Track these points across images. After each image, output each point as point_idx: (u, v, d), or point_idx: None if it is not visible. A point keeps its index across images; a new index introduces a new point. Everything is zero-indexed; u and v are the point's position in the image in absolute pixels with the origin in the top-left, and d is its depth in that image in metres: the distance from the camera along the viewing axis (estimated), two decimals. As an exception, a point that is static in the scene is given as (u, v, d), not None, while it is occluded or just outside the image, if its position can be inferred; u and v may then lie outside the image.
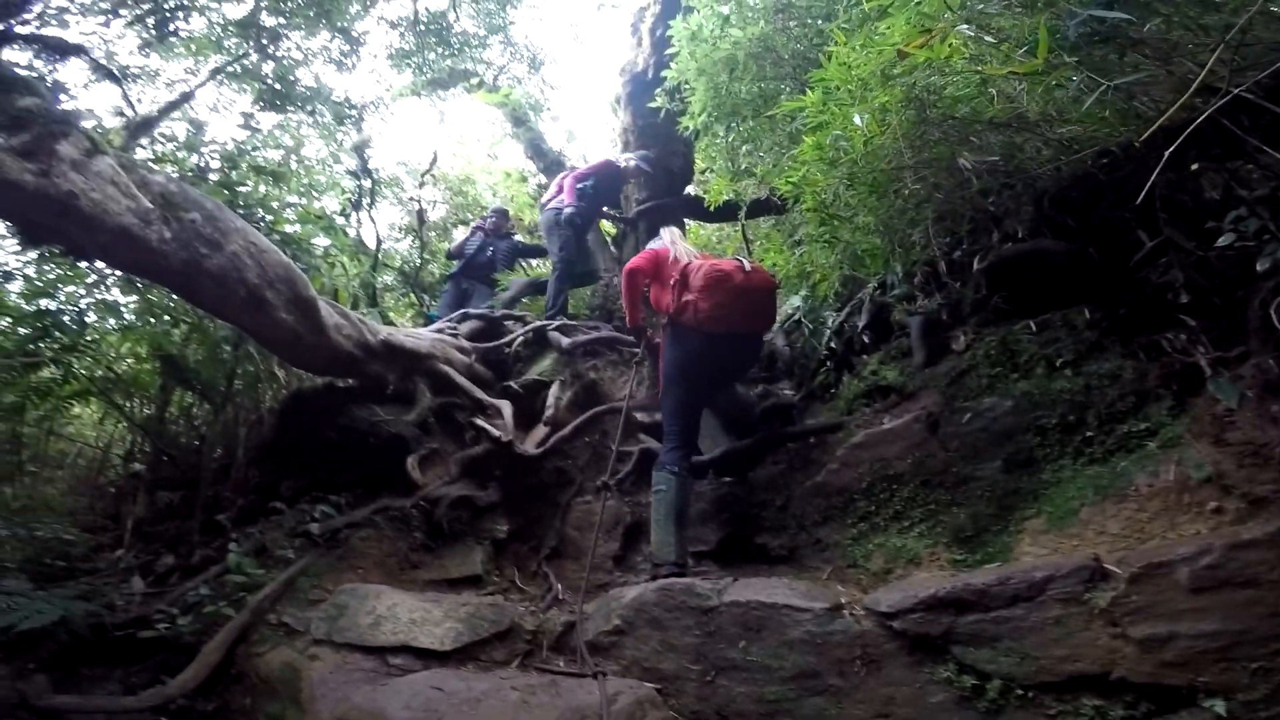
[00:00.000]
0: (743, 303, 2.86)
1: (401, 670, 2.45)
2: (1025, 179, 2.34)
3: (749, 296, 2.87)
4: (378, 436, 3.61)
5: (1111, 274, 2.27)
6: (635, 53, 5.18)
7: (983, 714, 1.79)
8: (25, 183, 1.97)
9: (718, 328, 2.87)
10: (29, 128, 2.08)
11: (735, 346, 2.97)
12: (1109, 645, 1.72)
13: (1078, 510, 2.07)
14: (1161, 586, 1.70)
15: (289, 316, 2.84)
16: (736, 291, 2.85)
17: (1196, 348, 2.04)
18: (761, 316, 2.98)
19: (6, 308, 3.11)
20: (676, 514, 2.76)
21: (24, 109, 2.10)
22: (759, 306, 2.93)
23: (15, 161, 1.98)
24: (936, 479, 2.40)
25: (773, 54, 3.22)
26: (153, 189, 2.37)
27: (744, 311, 2.88)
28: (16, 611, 2.66)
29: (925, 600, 1.97)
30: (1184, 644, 1.63)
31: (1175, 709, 1.62)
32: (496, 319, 4.49)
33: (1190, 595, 1.66)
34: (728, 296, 2.84)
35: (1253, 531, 1.72)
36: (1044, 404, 2.27)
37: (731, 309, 2.85)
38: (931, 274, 2.79)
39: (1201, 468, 1.91)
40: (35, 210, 2.08)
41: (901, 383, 2.65)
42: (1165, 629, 1.66)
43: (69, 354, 3.08)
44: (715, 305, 2.84)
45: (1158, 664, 1.65)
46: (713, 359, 2.95)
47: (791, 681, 2.10)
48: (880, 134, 2.11)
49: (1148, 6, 1.64)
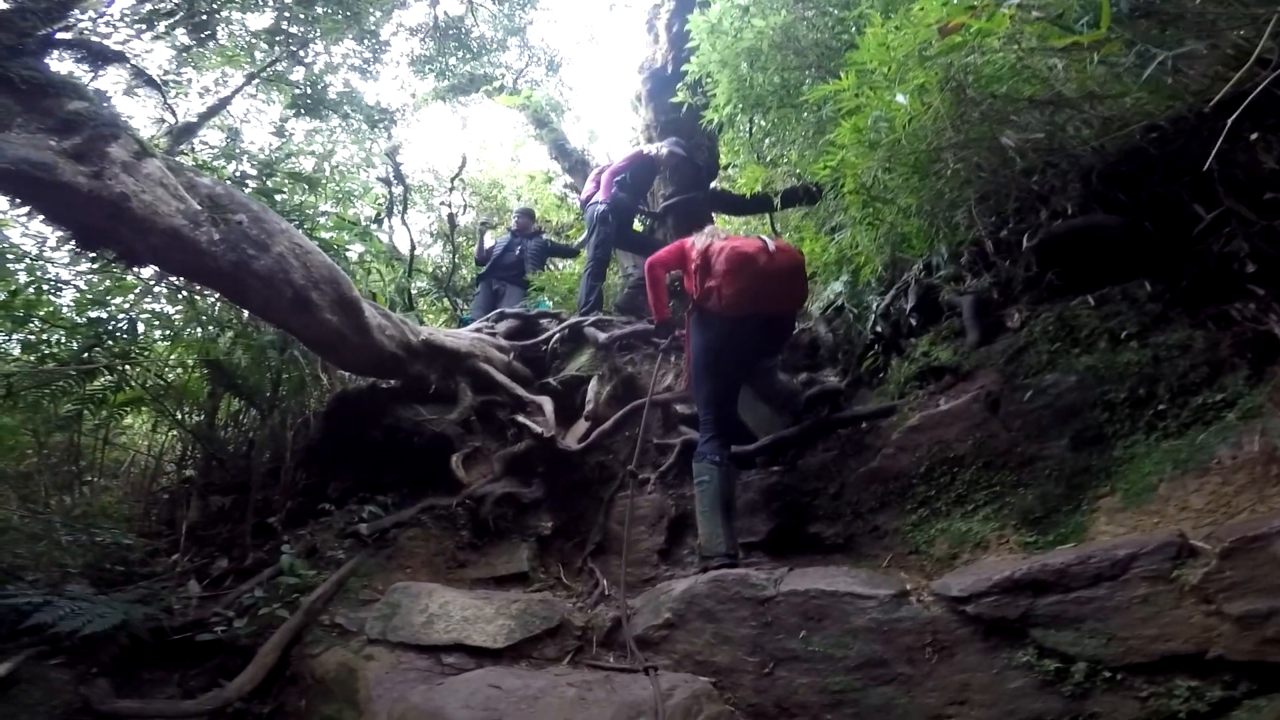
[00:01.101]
0: (768, 285, 2.76)
1: (455, 669, 2.45)
2: (1070, 156, 2.29)
3: (775, 278, 2.76)
4: (421, 436, 3.65)
5: (1169, 247, 2.19)
6: (653, 49, 5.21)
7: (1067, 698, 1.72)
8: (79, 185, 2.02)
9: (744, 312, 2.78)
10: (80, 131, 2.13)
11: (764, 329, 2.88)
12: (1203, 623, 1.63)
13: (1156, 486, 1.99)
14: (1257, 560, 1.61)
15: (334, 317, 2.88)
16: (761, 275, 2.74)
17: (1269, 315, 1.95)
18: (789, 296, 2.87)
19: (59, 318, 3.19)
20: (723, 504, 2.70)
21: (74, 112, 2.16)
22: (786, 286, 2.81)
23: (69, 164, 2.02)
24: (1000, 460, 2.33)
25: (795, 43, 3.19)
26: (200, 191, 2.42)
27: (770, 293, 2.78)
28: (80, 616, 2.72)
29: (1000, 583, 1.90)
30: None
31: (1277, 688, 1.53)
32: (532, 317, 4.52)
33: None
34: (752, 281, 2.74)
35: None
36: (1110, 378, 2.18)
37: (757, 293, 2.75)
38: (979, 254, 2.71)
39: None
40: (88, 213, 2.13)
41: (956, 363, 2.57)
42: (1265, 604, 1.57)
43: (123, 361, 3.14)
44: (739, 291, 2.75)
45: (1259, 641, 1.56)
46: (741, 344, 2.86)
47: (857, 671, 2.04)
48: (922, 114, 2.06)
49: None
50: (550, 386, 3.90)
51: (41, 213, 2.23)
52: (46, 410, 3.12)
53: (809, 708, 2.09)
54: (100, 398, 3.23)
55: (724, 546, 2.63)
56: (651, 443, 3.47)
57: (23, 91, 2.10)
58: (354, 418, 3.70)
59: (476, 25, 7.32)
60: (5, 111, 2.03)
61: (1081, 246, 2.34)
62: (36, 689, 2.59)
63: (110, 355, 3.06)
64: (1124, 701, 1.66)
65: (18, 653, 2.66)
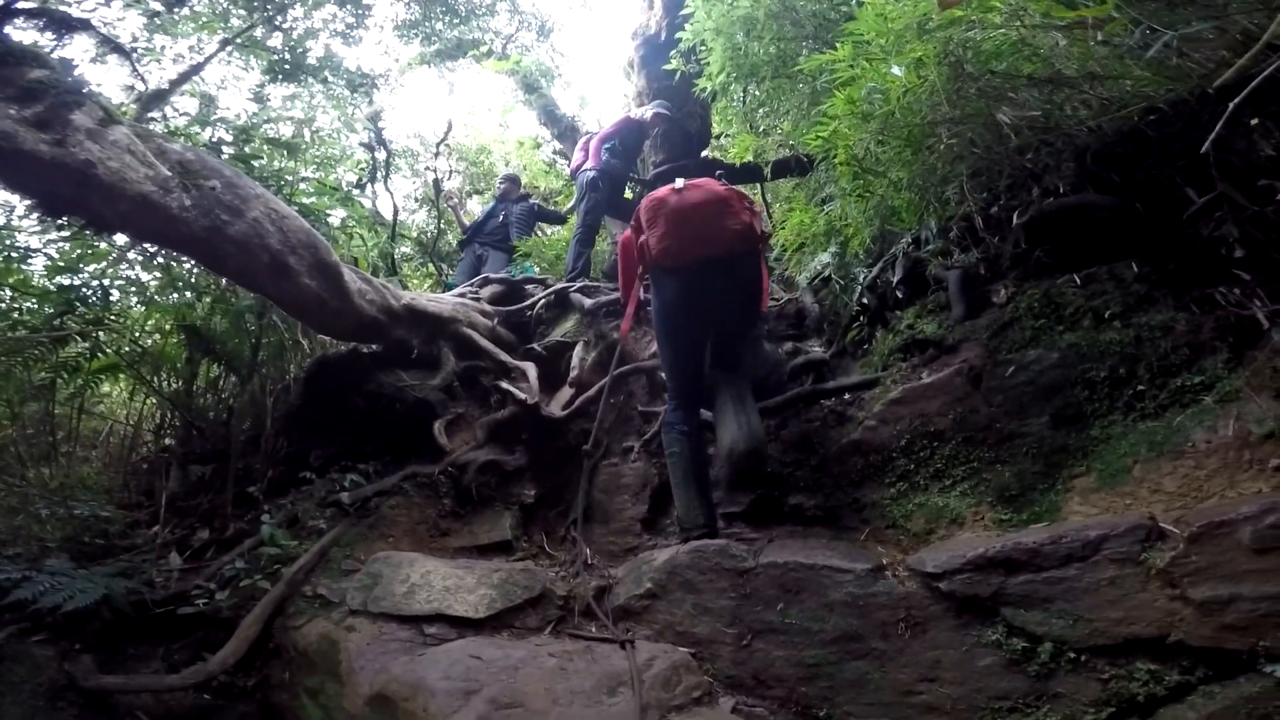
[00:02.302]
0: (689, 224, 2.58)
1: (437, 639, 2.45)
2: (1065, 135, 2.23)
3: (693, 215, 2.58)
4: (404, 402, 3.61)
5: (1159, 229, 2.16)
6: (646, 15, 5.04)
7: (1033, 678, 1.77)
8: (41, 153, 1.93)
9: (679, 260, 2.61)
10: (41, 99, 2.04)
11: (713, 276, 2.65)
12: (1167, 607, 1.68)
13: (1130, 468, 2.02)
14: (1223, 547, 1.65)
15: (312, 282, 2.81)
16: (675, 214, 2.59)
17: (1253, 300, 1.95)
18: (722, 232, 2.60)
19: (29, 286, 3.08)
20: (695, 473, 2.66)
21: (35, 80, 2.06)
22: (710, 222, 2.59)
23: (30, 132, 1.94)
24: (980, 435, 2.34)
25: (792, 13, 3.05)
26: (170, 157, 2.33)
27: (695, 233, 2.58)
28: (61, 591, 2.70)
29: (973, 560, 1.93)
30: (1246, 606, 1.58)
31: (1234, 674, 1.58)
32: (517, 282, 4.45)
33: (1253, 556, 1.61)
34: (669, 223, 2.60)
35: None
36: (1092, 356, 2.19)
37: (679, 235, 2.59)
38: (968, 229, 2.67)
39: (1263, 422, 1.83)
40: (54, 181, 2.05)
41: (941, 336, 2.56)
42: (1227, 591, 1.61)
43: (96, 328, 3.05)
44: (660, 236, 2.61)
45: (1218, 627, 1.61)
46: (693, 298, 2.68)
47: (832, 644, 2.09)
48: (918, 87, 1.98)
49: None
50: (535, 352, 3.86)
51: (4, 181, 2.13)
52: (20, 379, 3.05)
53: (785, 680, 2.15)
54: (74, 365, 3.15)
55: (701, 518, 2.62)
56: (636, 410, 3.47)
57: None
58: (335, 383, 3.65)
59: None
60: None
61: (1071, 225, 2.31)
62: (20, 666, 2.58)
63: (84, 322, 2.97)
64: (1086, 683, 1.71)
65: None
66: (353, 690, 2.27)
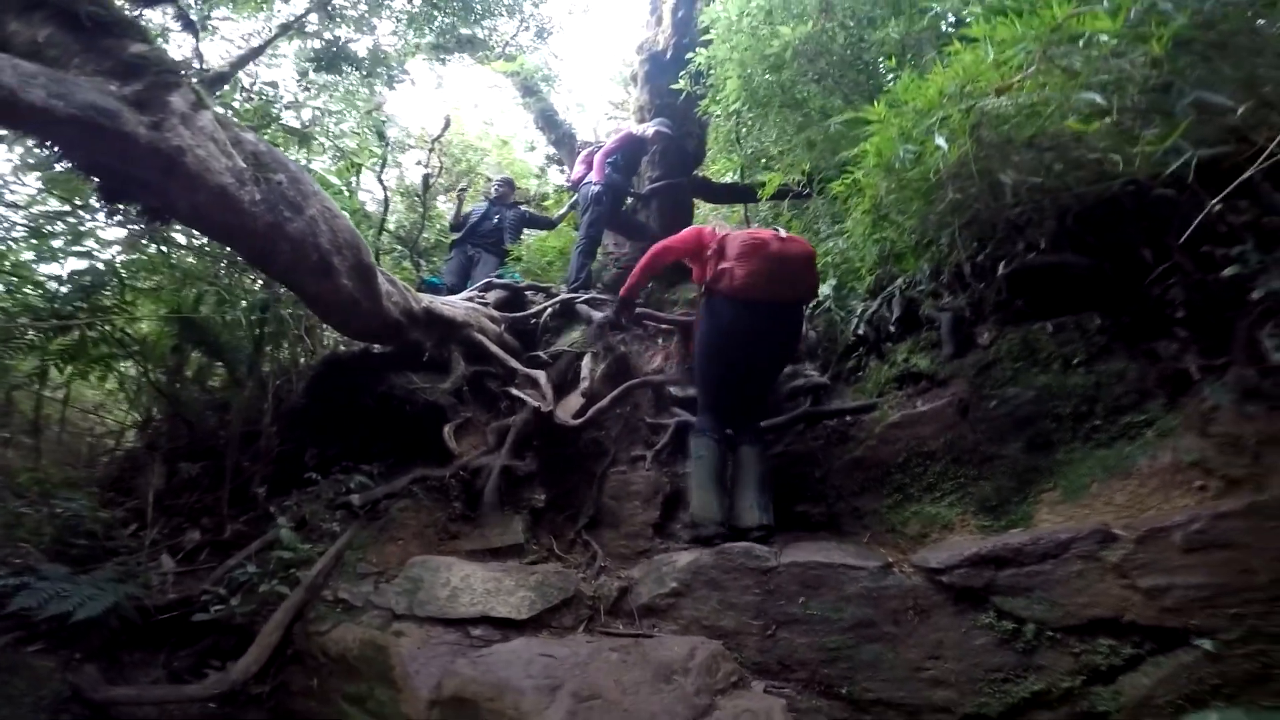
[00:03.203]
0: (779, 269, 2.90)
1: (484, 640, 2.53)
2: (1053, 195, 2.66)
3: (786, 263, 2.91)
4: (414, 404, 3.67)
5: (1121, 286, 2.65)
6: (654, 32, 5.20)
7: (1020, 653, 2.16)
8: (139, 135, 1.89)
9: (753, 295, 2.90)
10: (141, 76, 1.98)
11: (772, 318, 2.99)
12: (1120, 594, 2.09)
13: (1089, 485, 2.46)
14: (1161, 547, 2.07)
15: (350, 283, 2.85)
16: (773, 257, 2.89)
17: (1186, 355, 2.44)
18: (799, 284, 2.99)
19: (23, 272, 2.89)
20: (718, 478, 2.90)
21: (136, 56, 1.99)
22: (796, 273, 2.94)
23: (132, 113, 1.89)
24: (966, 456, 2.75)
25: (819, 53, 3.38)
26: (245, 148, 2.31)
27: (781, 278, 2.91)
28: (67, 598, 2.60)
29: (969, 557, 2.31)
30: (1179, 593, 2.01)
31: (1173, 647, 1.99)
32: (521, 289, 4.55)
33: (1183, 554, 2.04)
34: (764, 263, 2.89)
35: (1230, 505, 2.09)
36: (1060, 395, 2.63)
37: (768, 275, 2.89)
38: (958, 274, 3.10)
39: (1190, 453, 2.30)
40: (140, 165, 1.99)
41: (934, 371, 2.98)
42: (1165, 580, 2.03)
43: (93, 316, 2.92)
44: (751, 272, 2.89)
45: (1159, 609, 2.02)
46: (749, 331, 2.97)
47: (850, 631, 2.43)
48: (955, 151, 2.35)
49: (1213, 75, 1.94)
50: (541, 360, 4.01)
51: (85, 160, 2.03)
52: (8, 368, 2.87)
53: (808, 664, 2.46)
54: (71, 354, 3.00)
55: (717, 515, 2.83)
56: (644, 421, 3.70)
57: (86, 30, 1.91)
58: (345, 382, 3.65)
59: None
60: (65, 50, 1.84)
61: (1049, 280, 2.76)
62: (19, 679, 2.48)
63: (92, 311, 2.84)
64: (1062, 657, 2.11)
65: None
66: (412, 695, 2.30)
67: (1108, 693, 2.05)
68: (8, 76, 1.66)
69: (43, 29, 1.88)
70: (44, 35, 1.88)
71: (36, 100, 1.69)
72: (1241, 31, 1.99)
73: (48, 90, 1.73)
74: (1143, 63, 1.98)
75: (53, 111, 1.71)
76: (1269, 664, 1.90)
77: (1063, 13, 1.95)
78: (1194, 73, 2.04)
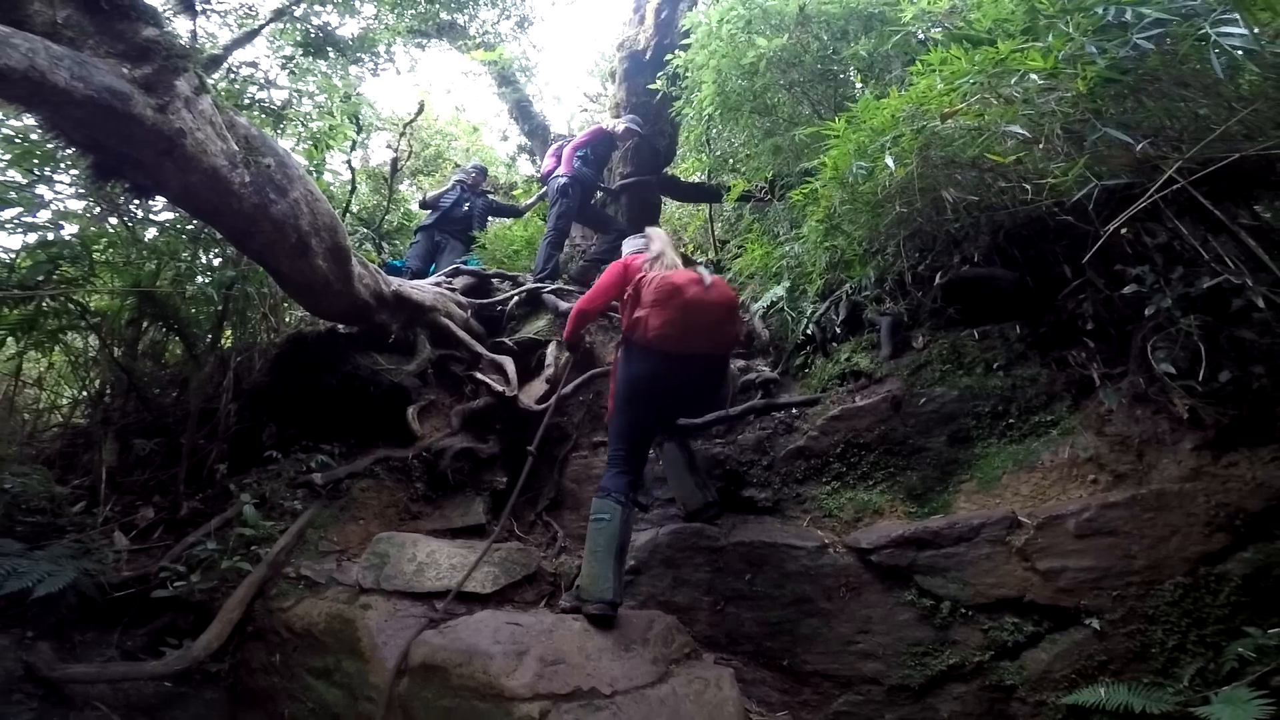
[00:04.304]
0: (697, 320, 2.66)
1: (449, 614, 2.59)
2: (988, 212, 2.93)
3: (705, 314, 2.67)
4: (378, 385, 3.72)
5: (1040, 299, 2.95)
6: (636, 30, 5.31)
7: (937, 628, 2.42)
8: (146, 118, 1.95)
9: (667, 348, 2.68)
10: (151, 60, 2.02)
11: (692, 371, 2.76)
12: (1022, 575, 2.36)
13: (1000, 477, 2.74)
14: (1058, 533, 2.36)
15: (325, 264, 2.90)
16: (689, 307, 2.64)
17: (1091, 364, 2.74)
18: (718, 335, 2.74)
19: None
20: (618, 547, 2.54)
21: (148, 39, 2.03)
22: (715, 324, 2.70)
23: (141, 95, 1.94)
24: (896, 448, 3.01)
25: (792, 64, 3.56)
26: (238, 131, 2.36)
27: (698, 329, 2.68)
28: (25, 575, 2.56)
29: (895, 539, 2.58)
30: (1071, 575, 2.28)
31: (1067, 626, 2.26)
32: (488, 276, 4.63)
33: (1075, 539, 2.33)
34: (679, 313, 2.64)
35: (1115, 497, 2.38)
36: (981, 396, 2.92)
37: (684, 326, 2.65)
38: (899, 282, 3.36)
39: (1086, 450, 2.60)
40: (139, 145, 2.03)
41: (872, 369, 3.23)
42: (1060, 564, 2.31)
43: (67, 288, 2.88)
44: (666, 322, 2.65)
45: (1055, 590, 2.29)
46: (666, 383, 2.76)
47: (790, 606, 2.67)
48: (901, 171, 2.57)
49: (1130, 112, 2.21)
50: (506, 346, 4.11)
51: (87, 139, 2.04)
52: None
53: (753, 637, 2.69)
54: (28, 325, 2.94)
55: (610, 593, 2.45)
56: (606, 409, 3.85)
57: (103, 12, 1.92)
58: (309, 361, 3.67)
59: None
60: (81, 32, 1.86)
61: (979, 290, 3.04)
62: None
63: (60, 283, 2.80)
64: (973, 633, 2.37)
65: (-64, 619, 2.39)
66: (380, 665, 2.38)
67: (1013, 667, 2.30)
68: (41, 59, 1.70)
69: (62, 10, 1.89)
70: (63, 16, 1.89)
71: (60, 82, 1.73)
72: (1155, 77, 2.26)
73: (71, 72, 1.77)
74: (1069, 99, 2.24)
75: (73, 93, 1.75)
76: (1147, 643, 2.16)
77: (1006, 49, 2.17)
78: (1115, 110, 2.32)
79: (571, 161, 5.00)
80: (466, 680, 2.18)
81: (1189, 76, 2.22)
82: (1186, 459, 2.36)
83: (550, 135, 6.46)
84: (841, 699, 2.53)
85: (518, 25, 7.07)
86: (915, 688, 2.41)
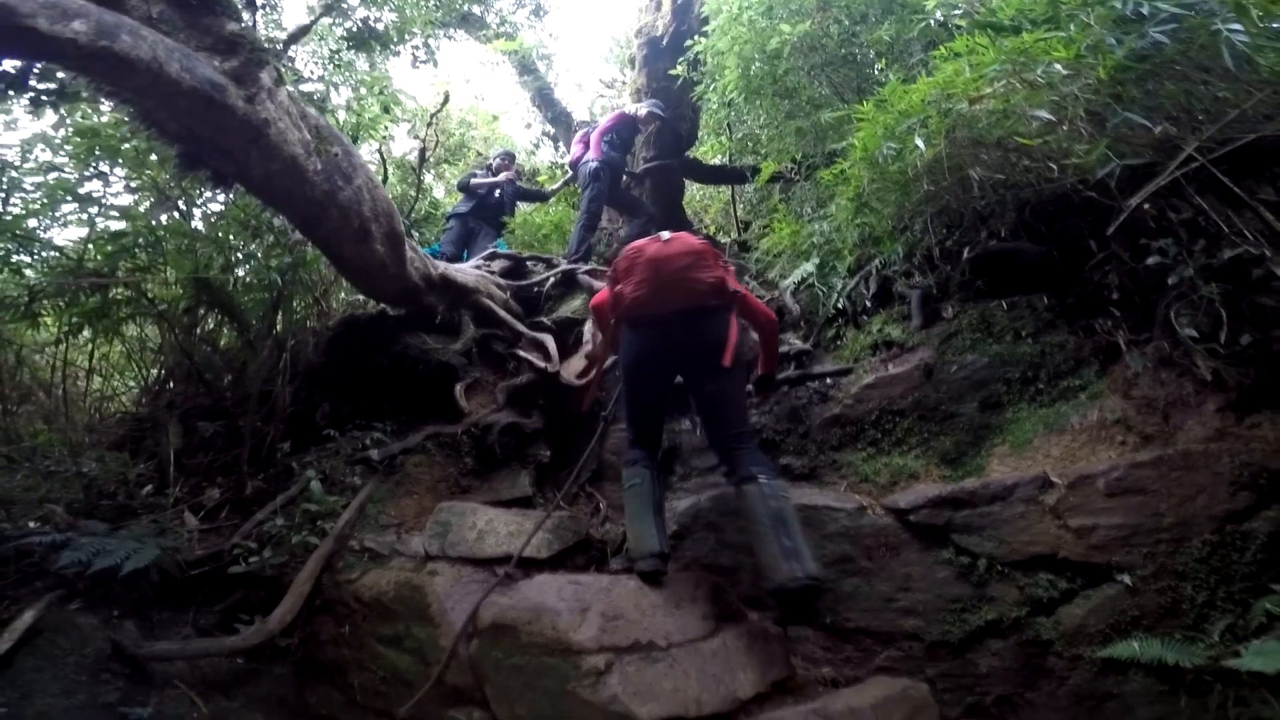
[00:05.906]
0: (664, 273, 2.67)
1: (510, 578, 2.71)
2: (1013, 189, 3.04)
3: (669, 264, 2.68)
4: (427, 364, 3.87)
5: (1067, 271, 3.06)
6: (654, 17, 5.38)
7: (975, 585, 2.52)
8: (238, 108, 2.07)
9: (645, 311, 2.72)
10: (238, 53, 2.14)
11: (676, 331, 2.73)
12: (1055, 533, 2.45)
13: (1031, 440, 2.86)
14: (1088, 492, 2.46)
15: (382, 248, 3.04)
16: (654, 263, 2.68)
17: (1118, 331, 2.85)
18: (690, 285, 2.67)
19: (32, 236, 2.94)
20: (654, 506, 2.72)
21: (233, 33, 2.15)
22: (683, 273, 2.67)
23: (233, 87, 2.05)
24: (930, 414, 3.14)
25: (813, 48, 3.65)
26: (310, 122, 2.50)
27: (667, 283, 2.67)
28: (112, 553, 2.61)
29: (932, 499, 2.70)
30: (1102, 532, 2.37)
31: (1099, 582, 2.35)
32: (522, 259, 4.77)
33: (1106, 498, 2.43)
34: (646, 271, 2.69)
35: (1144, 456, 2.49)
36: (1011, 362, 3.04)
37: (655, 284, 2.68)
38: (927, 257, 3.48)
39: (1114, 413, 2.73)
40: (230, 136, 2.17)
41: (903, 339, 3.36)
42: (1091, 521, 2.40)
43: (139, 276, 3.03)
44: (636, 285, 2.70)
45: (1087, 547, 2.39)
46: (659, 352, 2.79)
47: (832, 566, 2.79)
48: (929, 151, 2.68)
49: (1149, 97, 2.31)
50: (545, 325, 4.26)
51: (181, 129, 2.16)
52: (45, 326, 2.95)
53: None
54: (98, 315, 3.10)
55: (656, 545, 2.59)
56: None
57: (192, 6, 2.05)
58: (361, 343, 3.83)
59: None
60: (173, 26, 1.99)
61: (1006, 264, 3.16)
62: (64, 638, 2.45)
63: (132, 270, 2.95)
64: (1009, 589, 2.46)
65: (34, 598, 2.49)
66: (449, 628, 2.48)
67: (1049, 622, 2.37)
68: (160, 51, 1.84)
69: (156, 4, 2.01)
70: (157, 11, 2.02)
71: (173, 73, 1.86)
72: (1174, 63, 2.36)
73: (180, 64, 1.90)
74: (1091, 85, 2.34)
75: (180, 83, 1.89)
76: (1177, 599, 2.24)
77: (1030, 39, 2.27)
78: (1136, 93, 2.42)
79: (600, 146, 5.11)
80: (535, 637, 2.30)
81: (1208, 61, 2.31)
82: (1211, 420, 2.46)
83: (574, 122, 6.55)
84: (883, 654, 2.61)
85: (533, 14, 7.13)
86: (954, 643, 2.48)
